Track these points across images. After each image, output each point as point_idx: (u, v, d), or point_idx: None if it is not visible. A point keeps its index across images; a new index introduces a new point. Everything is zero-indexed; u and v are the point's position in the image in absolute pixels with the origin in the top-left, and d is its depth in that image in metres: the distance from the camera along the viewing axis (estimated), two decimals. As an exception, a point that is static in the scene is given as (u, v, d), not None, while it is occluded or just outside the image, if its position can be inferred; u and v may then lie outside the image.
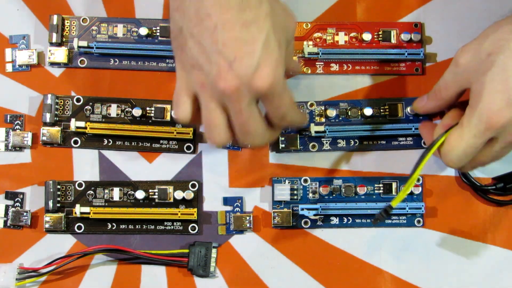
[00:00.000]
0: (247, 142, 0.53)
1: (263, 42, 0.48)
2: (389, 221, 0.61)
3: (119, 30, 0.63)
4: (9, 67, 0.63)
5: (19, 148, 0.62)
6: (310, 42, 0.63)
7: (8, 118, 0.62)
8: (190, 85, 0.51)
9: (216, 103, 0.50)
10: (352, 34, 0.63)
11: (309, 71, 0.63)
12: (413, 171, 0.54)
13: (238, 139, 0.53)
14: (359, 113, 0.62)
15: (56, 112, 0.62)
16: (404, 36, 0.63)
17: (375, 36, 0.63)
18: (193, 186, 0.62)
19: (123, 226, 0.61)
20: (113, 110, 0.62)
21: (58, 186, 0.61)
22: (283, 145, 0.62)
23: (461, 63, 0.54)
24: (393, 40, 0.63)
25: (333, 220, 0.62)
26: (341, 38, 0.63)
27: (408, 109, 0.62)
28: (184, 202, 0.61)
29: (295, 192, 0.62)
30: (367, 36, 0.63)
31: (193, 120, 0.53)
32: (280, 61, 0.50)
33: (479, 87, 0.52)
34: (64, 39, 0.63)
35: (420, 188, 0.61)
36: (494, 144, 0.53)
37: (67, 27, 0.63)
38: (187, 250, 0.60)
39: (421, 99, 0.59)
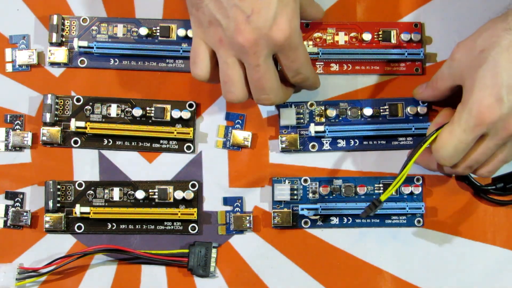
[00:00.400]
0: (261, 99, 0.55)
1: None
2: (389, 221, 0.61)
3: (119, 30, 0.63)
4: (9, 67, 0.63)
5: (19, 148, 0.62)
6: (310, 42, 0.63)
7: (8, 118, 0.62)
8: (207, 41, 0.53)
9: (234, 58, 0.53)
10: (352, 34, 0.63)
11: (309, 71, 0.63)
12: (404, 167, 0.54)
13: (253, 96, 0.55)
14: (359, 113, 0.62)
15: (56, 112, 0.62)
16: (404, 36, 0.63)
17: (375, 36, 0.63)
18: (193, 186, 0.62)
19: (123, 226, 0.61)
20: (113, 110, 0.62)
21: (58, 186, 0.61)
22: (283, 145, 0.62)
23: (455, 58, 0.54)
24: (393, 40, 0.63)
25: (333, 220, 0.62)
26: (341, 38, 0.63)
27: (408, 108, 0.62)
28: (184, 202, 0.61)
29: (295, 192, 0.62)
30: (367, 36, 0.63)
31: (211, 77, 0.55)
32: (295, 12, 0.52)
33: (471, 83, 0.52)
34: (64, 39, 0.63)
35: (420, 188, 0.61)
36: (486, 140, 0.53)
37: (67, 27, 0.63)
38: (187, 250, 0.60)
39: (421, 86, 0.60)
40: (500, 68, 0.51)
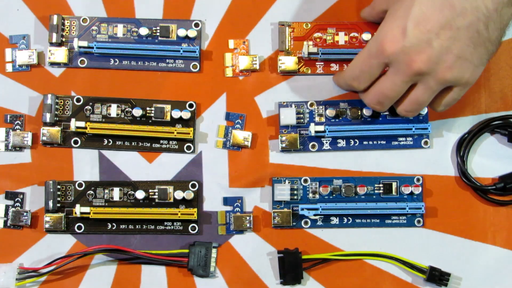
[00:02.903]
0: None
1: None
2: (389, 221, 0.61)
3: (119, 30, 0.63)
4: (9, 67, 0.63)
5: (19, 148, 0.62)
6: (310, 42, 0.63)
7: (8, 118, 0.62)
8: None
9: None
10: (352, 34, 0.63)
11: (309, 71, 0.63)
12: None
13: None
14: (359, 113, 0.62)
15: (56, 112, 0.62)
16: (404, 36, 0.63)
17: (375, 36, 0.63)
18: (193, 186, 0.62)
19: (123, 226, 0.61)
20: (113, 110, 0.62)
21: (58, 186, 0.61)
22: (283, 145, 0.62)
23: None
24: (393, 40, 0.63)
25: (333, 220, 0.62)
26: (341, 38, 0.63)
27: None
28: (184, 202, 0.61)
29: (295, 192, 0.62)
30: (367, 36, 0.63)
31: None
32: None
33: (389, 12, 0.54)
34: (64, 39, 0.63)
35: (420, 188, 0.61)
36: (389, 72, 0.54)
37: (67, 27, 0.63)
38: (187, 250, 0.60)
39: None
40: (416, 2, 0.51)
